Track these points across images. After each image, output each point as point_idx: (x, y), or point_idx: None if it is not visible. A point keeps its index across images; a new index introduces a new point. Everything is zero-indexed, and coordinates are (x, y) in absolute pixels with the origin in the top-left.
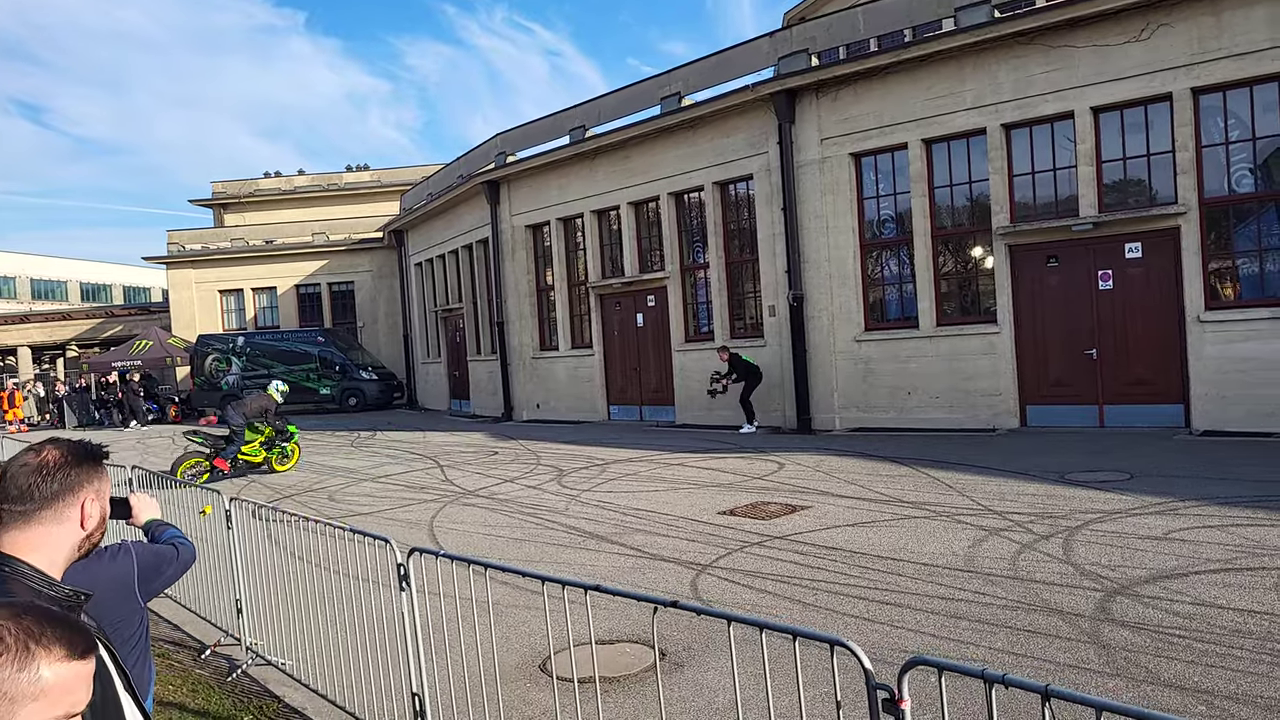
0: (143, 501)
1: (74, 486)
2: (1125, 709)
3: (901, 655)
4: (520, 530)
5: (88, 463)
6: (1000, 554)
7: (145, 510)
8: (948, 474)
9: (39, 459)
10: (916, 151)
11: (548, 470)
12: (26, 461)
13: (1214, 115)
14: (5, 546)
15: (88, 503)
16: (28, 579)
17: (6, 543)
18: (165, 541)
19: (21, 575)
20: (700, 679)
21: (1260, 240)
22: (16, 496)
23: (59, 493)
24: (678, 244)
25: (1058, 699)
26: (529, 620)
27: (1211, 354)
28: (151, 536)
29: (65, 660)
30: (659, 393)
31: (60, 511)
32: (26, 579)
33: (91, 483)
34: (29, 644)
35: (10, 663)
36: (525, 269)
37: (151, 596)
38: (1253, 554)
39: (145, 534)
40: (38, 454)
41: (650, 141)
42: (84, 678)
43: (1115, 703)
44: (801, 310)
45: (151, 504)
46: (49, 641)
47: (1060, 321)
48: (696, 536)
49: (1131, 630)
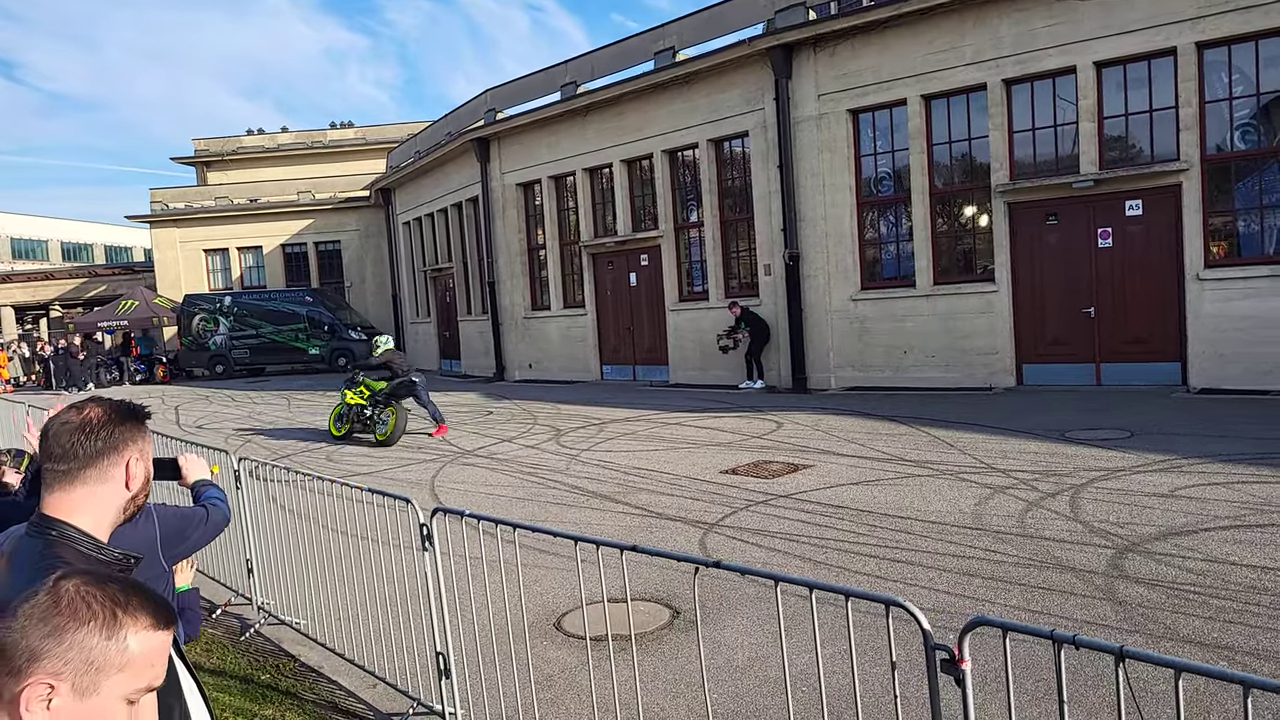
0: (191, 462)
1: (118, 445)
2: (1203, 668)
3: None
4: (522, 490)
5: (130, 421)
6: (1008, 511)
7: (194, 471)
8: (948, 432)
9: (81, 417)
10: (915, 108)
11: (545, 430)
12: (68, 420)
13: (1218, 70)
14: (50, 509)
15: (132, 462)
16: (76, 543)
17: (50, 505)
18: (204, 502)
19: (69, 539)
20: (717, 637)
21: (1261, 197)
22: (59, 455)
23: (103, 451)
24: (671, 202)
25: (1132, 659)
26: (540, 579)
27: (1210, 312)
28: (196, 497)
29: (151, 630)
30: (653, 352)
31: (105, 471)
32: (75, 543)
33: (136, 441)
34: (116, 612)
35: (98, 630)
36: (516, 228)
37: (177, 560)
38: (1261, 511)
39: (193, 495)
40: (79, 412)
41: (643, 98)
42: (165, 649)
43: (1193, 663)
44: (797, 269)
45: (200, 464)
46: (135, 610)
47: (1058, 280)
48: (700, 495)
49: (1146, 587)
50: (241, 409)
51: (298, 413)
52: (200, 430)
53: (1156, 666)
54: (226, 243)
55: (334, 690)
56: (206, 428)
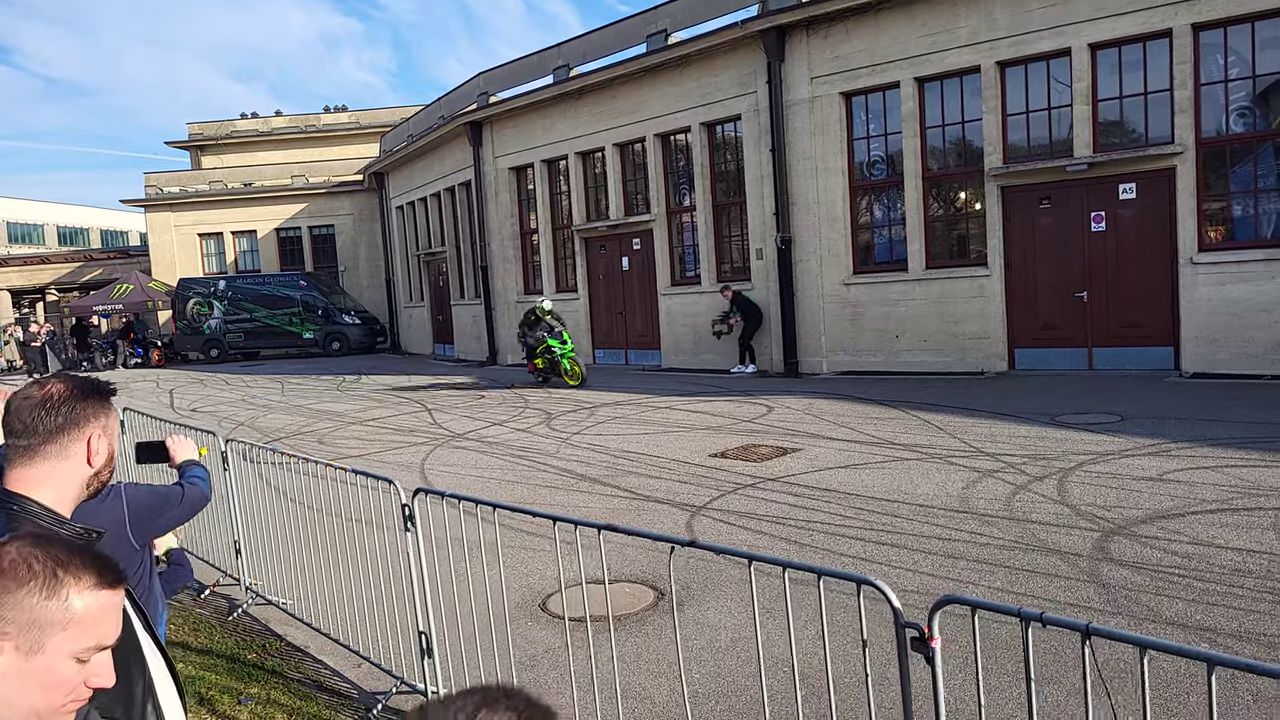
0: (178, 443)
1: (79, 421)
2: (1168, 645)
3: (902, 596)
4: (512, 473)
5: (93, 398)
6: (995, 495)
7: (182, 451)
8: (938, 416)
9: (43, 393)
10: (909, 90)
11: (536, 413)
12: (30, 395)
13: (1214, 52)
14: (11, 484)
15: (94, 438)
16: (37, 517)
17: (12, 480)
18: (184, 480)
19: (30, 513)
20: (701, 618)
21: (1255, 181)
22: (20, 431)
23: (63, 426)
24: (664, 186)
25: (1098, 637)
26: (527, 560)
27: (1203, 296)
28: (180, 475)
29: (95, 589)
30: (645, 337)
31: (65, 446)
32: (36, 517)
33: (98, 418)
34: (58, 571)
35: (38, 589)
36: (509, 212)
37: (150, 538)
38: (1248, 494)
39: (179, 474)
40: (41, 388)
41: (636, 81)
42: (113, 608)
43: (1159, 640)
44: (789, 253)
45: (187, 445)
46: (78, 569)
47: (1051, 264)
48: (689, 478)
49: (1131, 569)
50: (235, 392)
51: (291, 396)
52: (194, 413)
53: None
54: (221, 227)
55: (319, 669)
56: (201, 410)
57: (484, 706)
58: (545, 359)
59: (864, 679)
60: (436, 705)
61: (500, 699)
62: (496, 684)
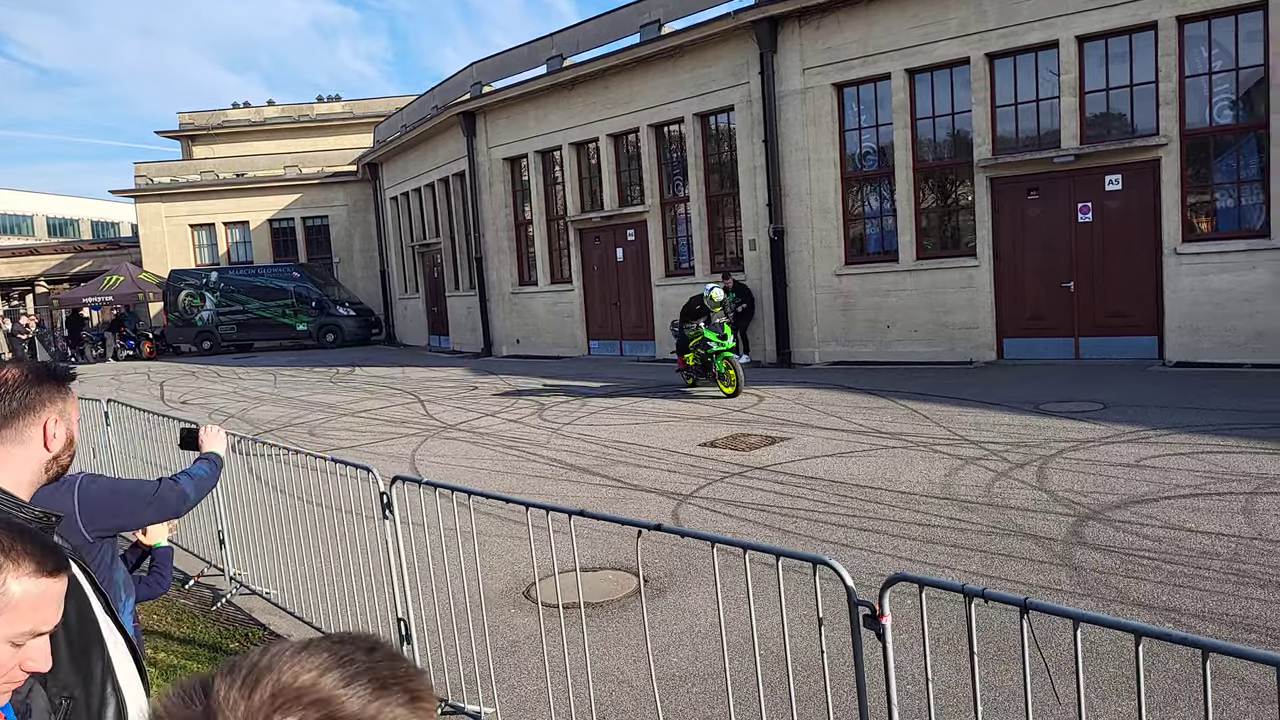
0: (211, 434)
1: (34, 405)
2: (1099, 618)
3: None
4: (502, 463)
5: (50, 383)
6: (976, 482)
7: (210, 443)
8: (925, 405)
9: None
10: (900, 82)
11: (528, 404)
12: None
13: (1198, 45)
14: None
15: (51, 423)
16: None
17: None
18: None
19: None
20: (682, 603)
21: (1238, 172)
22: None
23: (18, 411)
24: (658, 177)
25: (1036, 611)
26: (513, 549)
27: (1186, 286)
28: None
29: (34, 576)
30: (639, 328)
31: (21, 431)
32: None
33: (55, 403)
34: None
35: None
36: (503, 203)
37: (110, 532)
38: (1221, 479)
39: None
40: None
41: (629, 71)
42: (53, 596)
43: (1090, 613)
44: (782, 244)
45: (218, 438)
46: (18, 556)
47: (1039, 255)
48: (677, 468)
49: (1102, 553)
50: (227, 384)
51: (284, 388)
52: (185, 405)
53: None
54: (213, 218)
55: None
56: (192, 403)
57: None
58: (698, 355)
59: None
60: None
61: (351, 651)
62: (361, 636)
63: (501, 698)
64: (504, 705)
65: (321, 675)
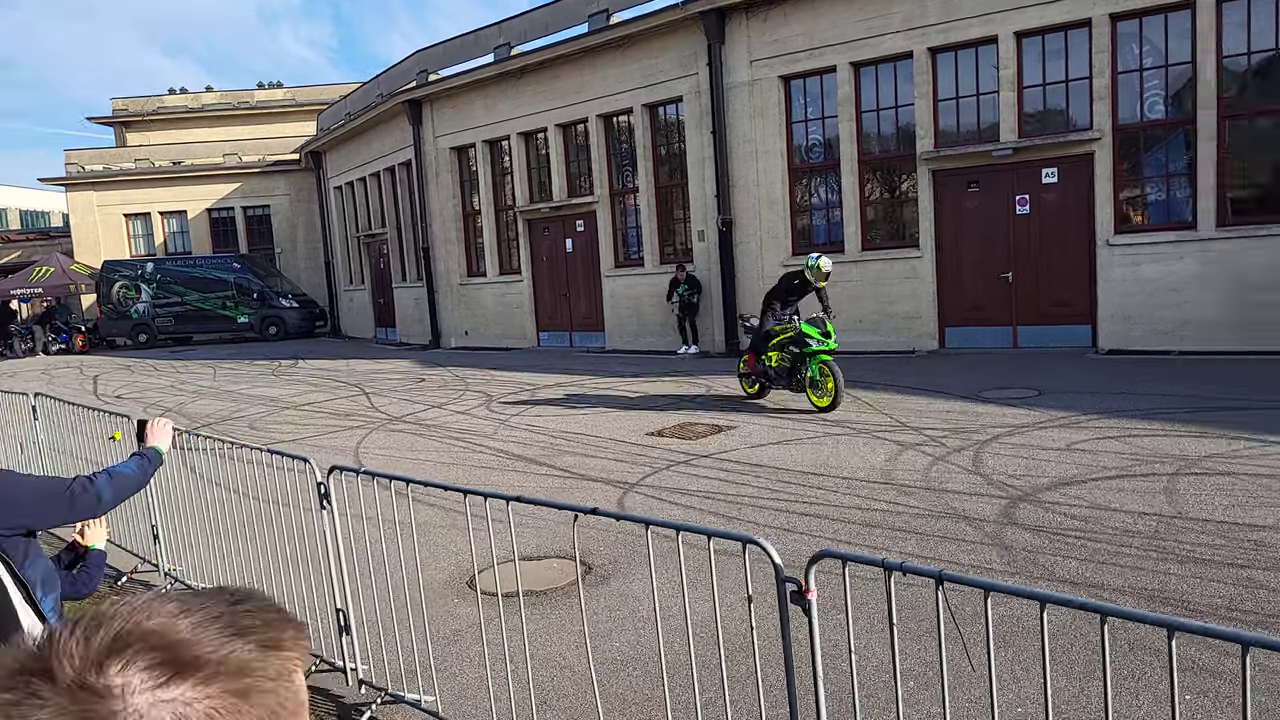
0: (156, 428)
1: None
2: (1007, 587)
3: None
4: (448, 454)
5: None
6: (914, 467)
7: (154, 436)
8: (869, 393)
9: None
10: (845, 75)
11: (476, 396)
12: None
13: (1130, 42)
14: None
15: None
16: None
17: None
18: (104, 474)
19: None
20: (626, 589)
21: (1167, 166)
22: None
23: None
24: (607, 168)
25: (950, 582)
26: (457, 540)
27: (1119, 277)
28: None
29: None
30: (589, 319)
31: None
32: None
33: None
34: None
35: None
36: (450, 193)
37: (18, 531)
38: (1146, 462)
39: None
40: None
41: (578, 61)
42: None
43: (999, 583)
44: (730, 235)
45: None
46: None
47: (979, 246)
48: (624, 457)
49: (1032, 533)
50: (164, 378)
51: (223, 381)
52: (119, 400)
53: (1026, 601)
54: (148, 207)
55: None
56: (127, 397)
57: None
58: (788, 357)
59: (763, 635)
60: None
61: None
62: (235, 589)
63: (443, 686)
64: (445, 693)
65: (169, 620)
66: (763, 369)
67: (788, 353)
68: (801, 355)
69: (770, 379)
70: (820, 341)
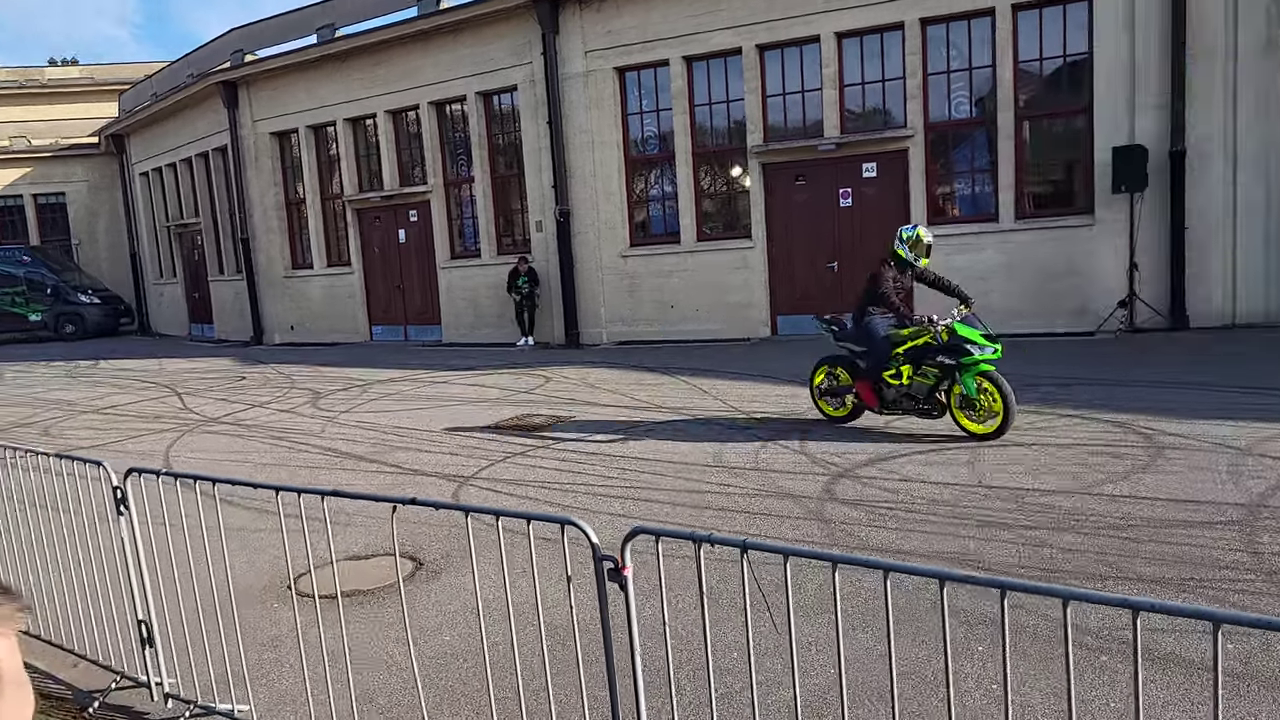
0: None
1: None
2: (803, 551)
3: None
4: (270, 455)
5: None
6: (745, 449)
7: None
8: (704, 380)
9: None
10: (678, 69)
11: (302, 393)
12: None
13: (939, 45)
14: None
15: None
16: None
17: None
18: None
19: None
20: (457, 583)
21: (973, 163)
22: None
23: None
24: (441, 156)
25: (754, 550)
26: (276, 543)
27: (933, 266)
28: None
29: None
30: (424, 312)
31: None
32: None
33: None
34: None
35: None
36: (272, 181)
37: None
38: (946, 436)
39: None
40: None
41: (408, 45)
42: None
43: (798, 547)
44: (568, 226)
45: None
46: None
47: (807, 237)
48: (460, 451)
49: (850, 506)
50: None
51: (12, 386)
52: None
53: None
54: None
55: (31, 675)
56: None
57: None
58: (931, 371)
59: (583, 613)
60: None
61: None
62: None
63: (260, 694)
64: (262, 702)
65: None
66: (882, 391)
67: (931, 366)
68: (951, 368)
69: (891, 402)
70: (984, 348)
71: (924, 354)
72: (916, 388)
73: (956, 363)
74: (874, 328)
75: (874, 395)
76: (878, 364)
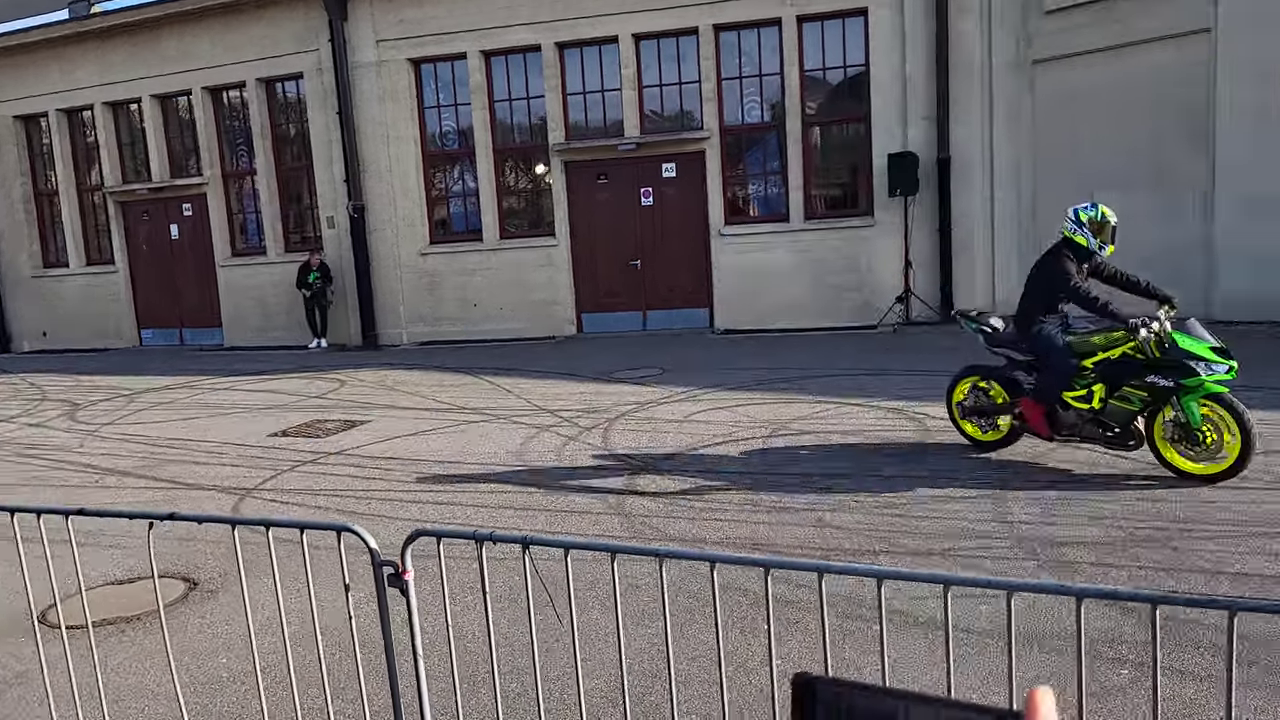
0: None
1: None
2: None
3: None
4: (17, 475)
5: None
6: (549, 447)
7: None
8: (508, 380)
9: None
10: (476, 63)
11: (56, 405)
12: None
13: (732, 51)
14: None
15: None
16: None
17: None
18: None
19: None
20: (234, 603)
21: (765, 165)
22: None
23: None
24: (218, 146)
25: (536, 545)
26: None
27: (729, 264)
28: None
29: None
30: (203, 313)
31: None
32: None
33: None
34: None
35: None
36: (17, 170)
37: None
38: (746, 426)
39: None
40: None
41: (179, 25)
42: None
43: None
44: (363, 222)
45: None
46: None
47: (610, 235)
48: (241, 461)
49: (650, 499)
50: None
51: None
52: None
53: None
54: None
55: None
56: None
57: None
58: (1137, 395)
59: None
60: None
61: None
62: None
63: None
64: None
65: None
66: (1058, 414)
67: (1136, 387)
68: (1168, 390)
69: (1071, 427)
70: (1214, 365)
71: (1123, 370)
72: (1112, 412)
73: (1175, 384)
74: (1051, 334)
75: (1045, 420)
76: (1059, 380)
